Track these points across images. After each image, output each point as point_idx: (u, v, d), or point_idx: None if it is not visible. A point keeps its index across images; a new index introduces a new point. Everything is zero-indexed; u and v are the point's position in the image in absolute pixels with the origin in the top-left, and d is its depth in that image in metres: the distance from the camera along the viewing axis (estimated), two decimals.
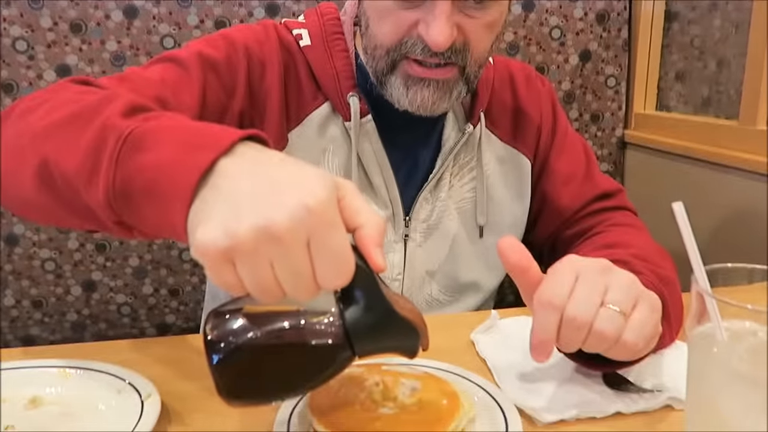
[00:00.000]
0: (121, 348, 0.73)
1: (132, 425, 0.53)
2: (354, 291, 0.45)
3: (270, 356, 0.46)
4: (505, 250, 0.57)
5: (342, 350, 0.46)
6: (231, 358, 0.45)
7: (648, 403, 0.59)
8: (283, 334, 0.46)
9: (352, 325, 0.45)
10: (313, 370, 0.47)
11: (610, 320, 0.53)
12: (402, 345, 0.48)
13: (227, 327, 0.46)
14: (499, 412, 0.56)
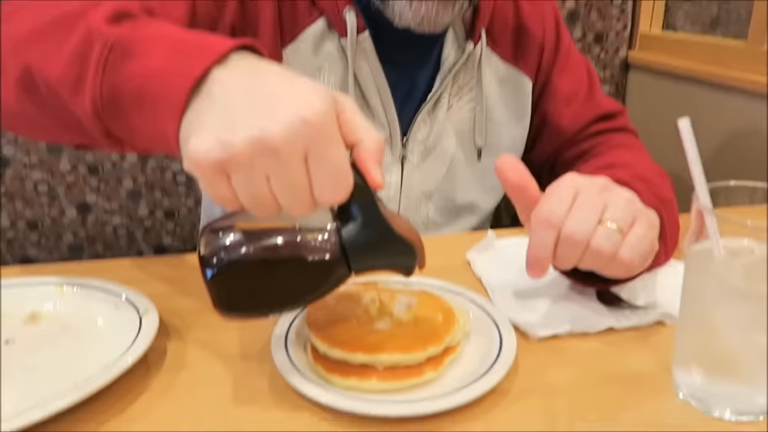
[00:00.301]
0: (118, 267, 0.73)
1: (130, 340, 0.53)
2: (351, 208, 0.44)
3: (264, 271, 0.46)
4: (504, 168, 0.56)
5: (338, 267, 0.46)
6: (225, 273, 0.45)
7: (640, 318, 0.60)
8: (277, 249, 0.45)
9: (349, 242, 0.45)
10: (309, 286, 0.47)
11: (608, 238, 0.53)
12: (398, 263, 0.48)
13: (221, 242, 0.46)
14: (493, 327, 0.56)
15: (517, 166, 0.56)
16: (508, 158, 0.56)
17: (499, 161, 0.55)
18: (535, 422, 0.48)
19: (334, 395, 0.47)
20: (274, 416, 0.48)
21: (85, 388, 0.47)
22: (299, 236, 0.46)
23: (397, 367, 0.50)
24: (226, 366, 0.54)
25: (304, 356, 0.53)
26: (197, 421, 0.48)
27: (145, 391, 0.51)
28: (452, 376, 0.52)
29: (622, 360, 0.55)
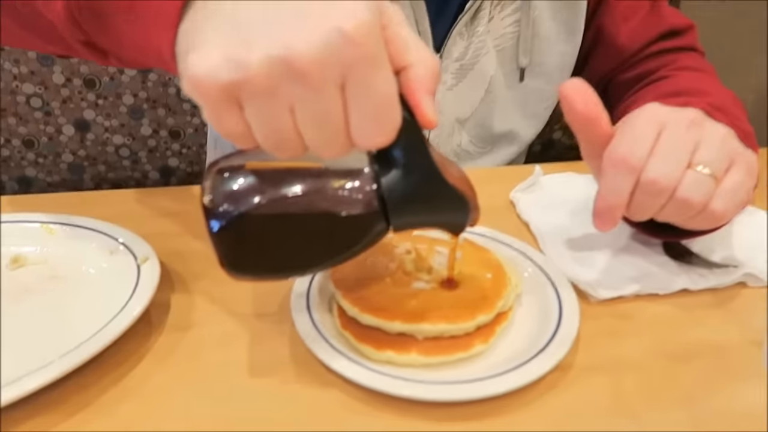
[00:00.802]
0: (117, 199, 0.65)
1: (127, 294, 0.46)
2: (393, 149, 0.35)
3: (282, 226, 0.37)
4: (570, 94, 0.45)
5: (374, 222, 0.37)
6: (234, 227, 0.36)
7: (719, 279, 0.52)
8: (300, 199, 0.36)
9: (390, 192, 0.36)
10: (337, 244, 0.38)
11: (698, 185, 0.43)
12: (448, 219, 0.39)
13: (230, 187, 0.37)
14: (549, 286, 0.48)
15: (586, 92, 0.45)
16: (575, 83, 0.45)
17: (565, 86, 0.45)
18: (601, 406, 0.40)
19: (367, 371, 0.40)
20: (295, 390, 0.41)
21: (74, 358, 0.40)
22: (328, 182, 0.37)
23: (440, 338, 0.42)
24: (239, 326, 0.47)
25: (330, 319, 0.46)
26: (204, 391, 0.41)
27: (146, 356, 0.44)
28: (504, 348, 0.44)
29: (698, 329, 0.47)
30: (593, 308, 0.49)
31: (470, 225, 0.40)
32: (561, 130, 1.21)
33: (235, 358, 0.44)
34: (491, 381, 0.39)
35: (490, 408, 0.40)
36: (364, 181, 0.36)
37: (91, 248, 0.52)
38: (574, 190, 0.65)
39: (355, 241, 0.38)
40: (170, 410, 0.40)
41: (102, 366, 0.42)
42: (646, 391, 0.42)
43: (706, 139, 0.45)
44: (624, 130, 0.46)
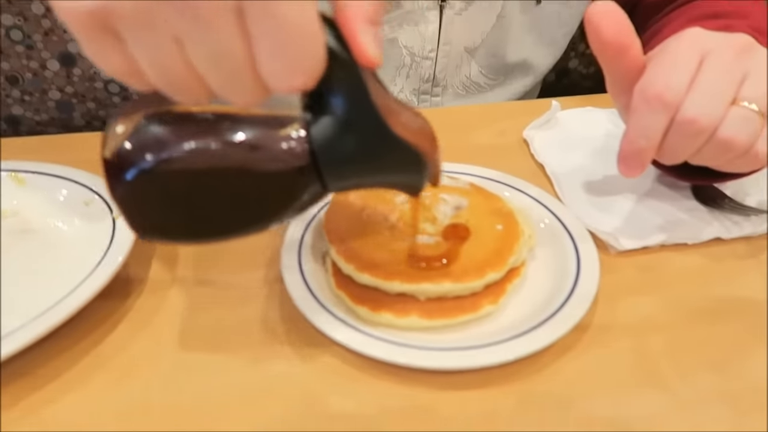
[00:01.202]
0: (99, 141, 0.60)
1: (103, 249, 0.42)
2: (329, 94, 0.28)
3: (195, 183, 0.31)
4: (598, 19, 0.39)
5: (304, 182, 0.31)
6: (137, 185, 0.30)
7: (755, 226, 0.47)
8: (210, 153, 0.30)
9: (322, 146, 0.29)
10: (259, 207, 0.32)
11: (744, 123, 0.38)
12: (397, 179, 0.33)
13: (131, 139, 0.30)
14: (566, 237, 0.44)
15: (616, 16, 0.39)
16: (603, 5, 0.39)
17: (591, 9, 0.39)
18: (622, 371, 0.37)
19: (362, 336, 0.36)
20: (284, 356, 0.38)
21: (45, 323, 0.36)
22: (244, 133, 0.30)
23: (444, 298, 0.38)
24: (226, 285, 0.43)
25: (324, 277, 0.41)
26: (188, 359, 0.37)
27: (124, 319, 0.40)
28: (515, 309, 0.40)
29: (730, 284, 0.43)
30: (614, 261, 0.44)
31: (430, 185, 0.35)
32: (577, 57, 1.13)
33: (221, 320, 0.40)
34: (499, 347, 0.35)
35: (498, 375, 0.36)
36: (292, 133, 0.29)
37: (64, 200, 0.48)
38: (595, 127, 0.60)
39: (282, 204, 0.32)
40: (150, 380, 0.36)
41: (75, 331, 0.39)
42: (672, 353, 0.38)
43: (755, 71, 0.39)
44: (659, 60, 0.40)
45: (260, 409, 0.34)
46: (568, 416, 0.34)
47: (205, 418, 0.34)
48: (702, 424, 0.34)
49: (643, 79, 0.39)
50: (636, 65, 0.40)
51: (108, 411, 0.34)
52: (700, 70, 0.39)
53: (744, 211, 0.48)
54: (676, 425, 0.33)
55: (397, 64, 0.72)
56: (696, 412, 0.34)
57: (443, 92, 0.75)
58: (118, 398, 0.35)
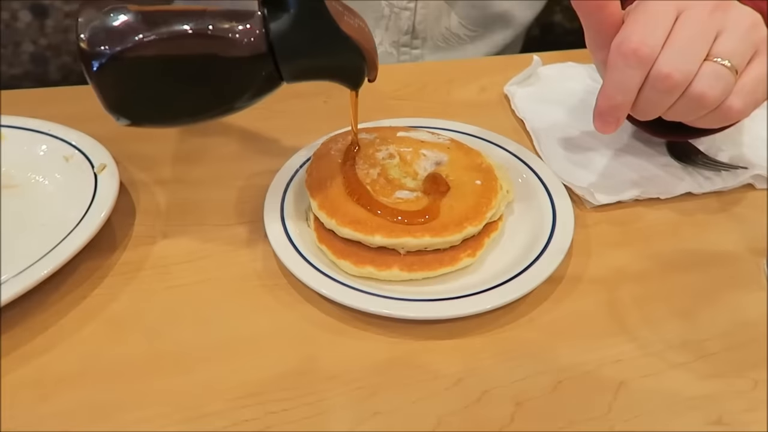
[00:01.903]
0: (82, 94, 0.59)
1: (86, 204, 0.42)
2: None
3: (164, 68, 0.35)
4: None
5: (262, 68, 0.35)
6: (113, 67, 0.34)
7: (725, 181, 0.48)
8: (182, 39, 0.34)
9: (279, 36, 0.34)
10: (224, 90, 0.36)
11: (716, 79, 0.39)
12: (342, 68, 0.38)
13: (108, 22, 0.34)
14: (543, 192, 0.45)
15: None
16: None
17: None
18: (593, 320, 0.38)
19: (344, 288, 0.37)
20: (268, 308, 0.39)
21: (31, 276, 0.37)
22: (211, 23, 0.34)
23: (424, 251, 0.39)
24: (209, 238, 0.43)
25: (307, 230, 0.42)
26: (172, 312, 0.38)
27: (109, 273, 0.41)
28: (493, 261, 0.41)
29: (701, 236, 0.45)
30: (589, 215, 0.46)
31: (369, 79, 0.39)
32: (561, 12, 1.12)
33: (204, 274, 0.41)
34: (477, 297, 0.37)
35: (477, 324, 0.38)
36: (251, 24, 0.34)
37: (44, 155, 0.47)
38: (575, 82, 0.60)
39: (242, 89, 0.36)
40: (137, 331, 0.37)
41: (62, 284, 0.40)
42: (642, 303, 0.39)
43: (729, 27, 0.39)
44: (636, 17, 0.40)
45: (245, 360, 0.36)
46: (542, 363, 0.36)
47: (190, 369, 0.35)
48: (666, 368, 0.36)
49: (620, 35, 0.39)
50: (613, 20, 0.40)
51: (97, 361, 0.35)
52: (675, 26, 0.39)
53: (716, 166, 0.49)
54: (643, 370, 0.35)
55: (376, 15, 0.71)
56: (661, 357, 0.36)
57: (423, 44, 0.75)
58: (106, 349, 0.36)
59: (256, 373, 0.35)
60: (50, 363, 0.35)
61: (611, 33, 0.41)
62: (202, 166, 0.50)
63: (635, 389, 0.34)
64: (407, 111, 0.57)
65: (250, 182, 0.48)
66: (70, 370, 0.35)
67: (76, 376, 0.34)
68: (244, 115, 0.55)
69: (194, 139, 0.53)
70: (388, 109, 0.58)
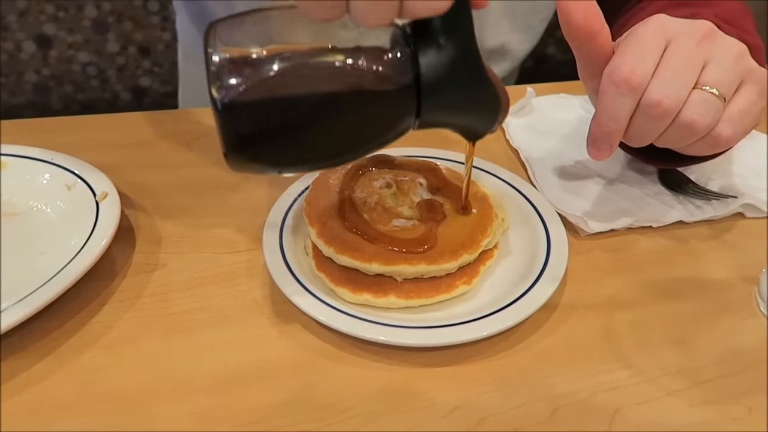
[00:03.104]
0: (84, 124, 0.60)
1: (87, 232, 0.42)
2: (438, 29, 0.31)
3: (304, 102, 0.32)
4: (569, 5, 0.40)
5: (403, 107, 0.33)
6: (250, 100, 0.30)
7: (717, 210, 0.49)
8: (330, 72, 0.31)
9: (429, 74, 0.31)
10: (356, 130, 0.33)
11: (705, 106, 0.40)
12: (475, 119, 0.36)
13: (245, 53, 0.31)
14: (537, 220, 0.46)
15: (586, 2, 0.40)
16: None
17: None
18: (588, 347, 0.39)
19: (342, 315, 0.37)
20: (266, 336, 0.39)
21: (32, 303, 0.37)
22: (359, 58, 0.31)
23: (421, 279, 0.40)
24: (208, 266, 0.44)
25: (305, 259, 0.43)
26: (171, 339, 0.39)
27: (109, 300, 0.41)
28: (488, 289, 0.42)
29: (693, 264, 0.45)
30: (583, 243, 0.47)
31: (492, 130, 0.38)
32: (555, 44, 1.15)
33: (203, 301, 0.41)
34: (473, 325, 0.37)
35: (473, 351, 0.38)
36: (401, 57, 0.31)
37: (46, 183, 0.48)
38: (568, 113, 0.61)
39: (381, 128, 0.34)
40: (136, 359, 0.37)
41: (62, 312, 0.40)
42: (636, 330, 0.40)
43: (716, 57, 0.41)
44: (626, 46, 0.41)
45: (244, 387, 0.36)
46: (538, 390, 0.36)
47: (189, 397, 0.35)
48: (662, 395, 0.36)
49: (611, 64, 0.41)
50: (604, 51, 0.42)
51: (96, 388, 0.35)
52: (664, 55, 0.40)
53: (707, 195, 0.50)
54: (638, 398, 0.36)
55: None
56: (656, 384, 0.36)
57: None
58: (104, 377, 0.36)
59: (255, 400, 0.35)
60: (49, 390, 0.35)
61: (602, 63, 0.42)
62: (202, 195, 0.51)
63: (631, 416, 0.35)
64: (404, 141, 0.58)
65: (249, 211, 0.48)
66: (69, 397, 0.35)
67: (74, 403, 0.35)
68: None
69: (194, 169, 0.54)
70: None
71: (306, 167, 0.38)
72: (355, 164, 0.47)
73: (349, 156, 0.35)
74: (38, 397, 0.35)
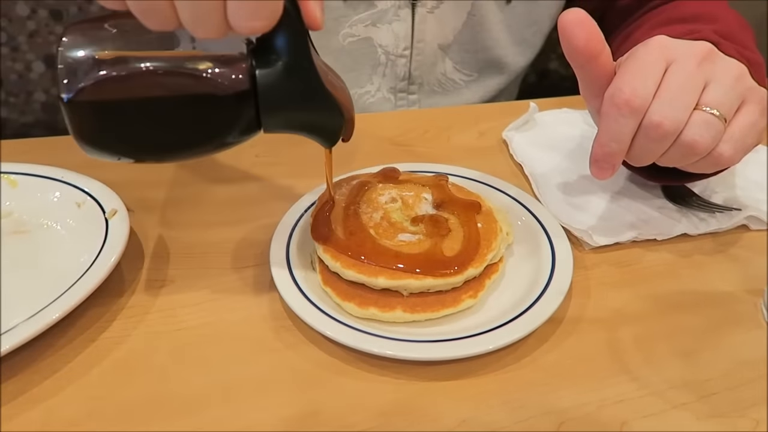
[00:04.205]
0: None
1: (96, 248, 0.43)
2: (273, 43, 0.34)
3: (144, 102, 0.35)
4: (570, 27, 0.41)
5: (242, 114, 0.36)
6: (89, 98, 0.34)
7: (720, 223, 0.49)
8: (164, 77, 0.34)
9: (264, 85, 0.35)
10: (199, 133, 0.37)
11: (706, 127, 0.40)
12: (320, 126, 0.38)
13: (88, 51, 0.34)
14: (542, 234, 0.46)
15: (587, 24, 0.41)
16: (574, 13, 0.41)
17: (563, 17, 0.41)
18: (594, 361, 0.39)
19: (349, 330, 0.38)
20: (274, 350, 0.39)
21: (42, 320, 0.37)
22: (197, 64, 0.34)
23: (427, 293, 0.40)
24: (216, 282, 0.44)
25: (312, 274, 0.43)
26: (180, 354, 0.39)
27: (118, 316, 0.42)
28: (494, 302, 0.42)
29: (698, 276, 0.45)
30: (588, 256, 0.47)
31: (343, 139, 0.39)
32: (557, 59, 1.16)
33: (211, 316, 0.42)
34: (479, 338, 0.37)
35: (479, 365, 0.38)
36: (238, 69, 0.35)
37: (57, 201, 0.49)
38: (571, 128, 0.62)
39: (219, 132, 0.36)
40: (144, 374, 0.38)
41: (71, 328, 0.40)
42: (642, 343, 0.40)
43: (717, 77, 0.41)
44: (627, 68, 0.42)
45: (252, 402, 0.36)
46: (545, 403, 0.36)
47: (197, 412, 0.35)
48: (668, 408, 0.36)
49: (612, 86, 0.41)
50: (606, 71, 0.42)
51: (104, 406, 0.36)
52: (665, 77, 0.41)
53: (710, 208, 0.50)
54: (645, 411, 0.36)
55: (373, 63, 0.74)
56: (663, 398, 0.36)
57: (419, 90, 0.77)
58: (113, 393, 0.36)
59: (263, 415, 0.35)
60: (58, 406, 0.36)
61: (604, 83, 0.42)
62: (210, 212, 0.51)
63: (638, 429, 0.35)
64: (409, 156, 0.59)
65: (256, 227, 0.49)
66: (78, 413, 0.35)
67: (84, 419, 0.35)
68: (250, 159, 0.58)
69: (202, 185, 0.54)
70: (390, 154, 0.59)
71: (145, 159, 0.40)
72: (360, 179, 0.47)
73: (186, 154, 0.39)
74: (48, 413, 0.35)
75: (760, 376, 0.38)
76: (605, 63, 0.42)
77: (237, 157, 0.58)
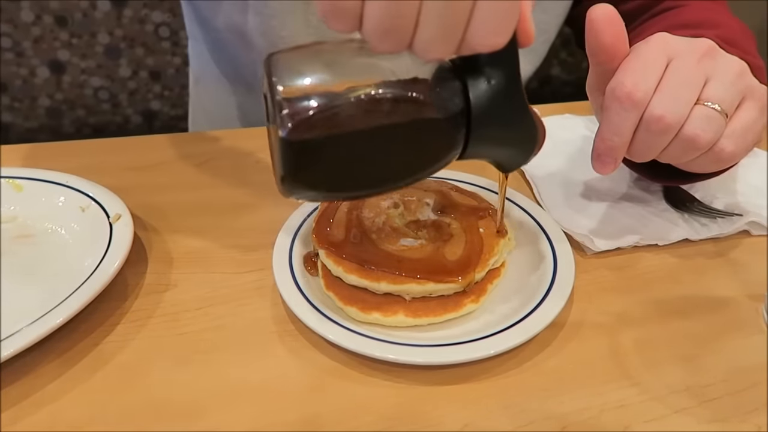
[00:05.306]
0: (95, 148, 0.62)
1: (101, 253, 0.43)
2: (485, 63, 0.32)
3: (361, 136, 0.32)
4: (600, 24, 0.41)
5: (457, 137, 0.34)
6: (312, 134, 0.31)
7: (722, 228, 0.49)
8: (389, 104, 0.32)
9: (479, 107, 0.33)
10: (420, 158, 0.35)
11: (707, 122, 0.40)
12: (520, 144, 0.37)
13: (308, 85, 0.32)
14: (543, 239, 0.46)
15: (616, 21, 0.41)
16: (605, 9, 0.41)
17: (594, 11, 0.41)
18: (596, 366, 0.39)
19: (351, 334, 0.38)
20: (277, 355, 0.39)
21: (45, 324, 0.38)
22: (414, 89, 0.33)
23: (429, 297, 0.40)
24: (219, 286, 0.45)
25: (314, 278, 0.43)
26: (183, 358, 0.39)
27: (122, 320, 0.42)
28: (496, 306, 0.42)
29: (699, 281, 0.46)
30: (589, 261, 0.47)
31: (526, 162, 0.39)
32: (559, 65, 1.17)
33: (214, 321, 0.42)
34: (481, 343, 0.37)
35: (481, 369, 0.38)
36: (449, 87, 0.33)
37: (61, 205, 0.49)
38: (573, 133, 0.62)
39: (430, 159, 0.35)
40: (148, 378, 0.38)
41: (75, 332, 0.41)
42: (643, 348, 0.40)
43: (718, 73, 0.41)
44: (629, 63, 0.42)
45: (255, 406, 0.36)
46: (547, 408, 0.36)
47: (200, 416, 0.36)
48: (669, 413, 0.36)
49: (614, 80, 0.41)
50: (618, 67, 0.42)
51: (107, 409, 0.36)
52: (666, 72, 0.41)
53: (711, 213, 0.50)
54: (646, 415, 0.36)
55: None
56: (664, 403, 0.37)
57: None
58: (116, 397, 0.37)
59: (266, 419, 0.35)
60: (61, 410, 0.36)
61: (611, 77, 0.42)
62: (213, 216, 0.51)
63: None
64: None
65: (259, 231, 0.49)
66: (82, 417, 0.35)
67: (87, 423, 0.35)
68: (254, 166, 0.58)
69: (204, 190, 0.55)
70: None
71: (357, 194, 0.39)
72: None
73: (397, 184, 0.37)
74: (51, 417, 0.35)
75: (761, 381, 0.38)
76: (620, 61, 0.42)
77: (239, 162, 0.58)
